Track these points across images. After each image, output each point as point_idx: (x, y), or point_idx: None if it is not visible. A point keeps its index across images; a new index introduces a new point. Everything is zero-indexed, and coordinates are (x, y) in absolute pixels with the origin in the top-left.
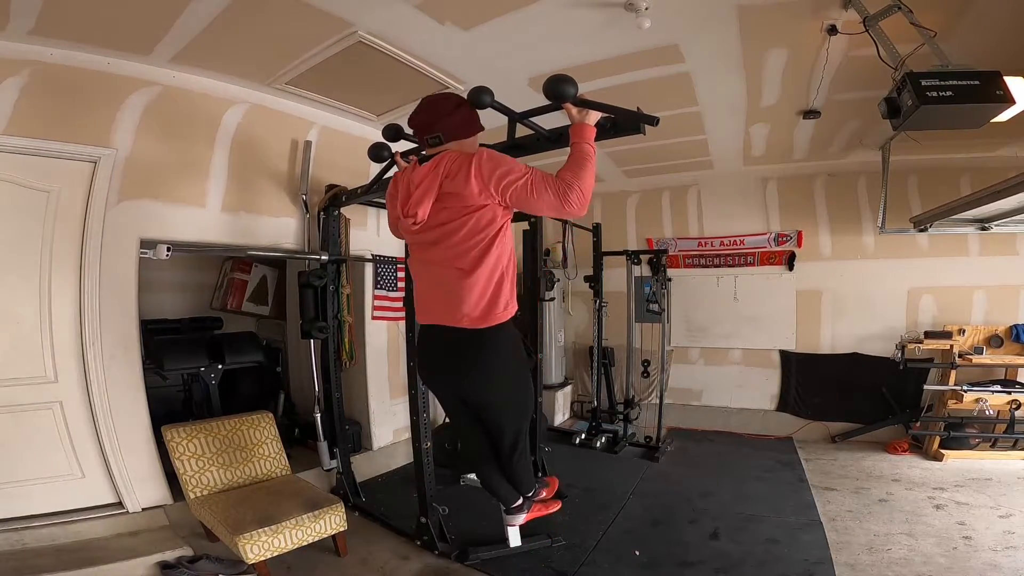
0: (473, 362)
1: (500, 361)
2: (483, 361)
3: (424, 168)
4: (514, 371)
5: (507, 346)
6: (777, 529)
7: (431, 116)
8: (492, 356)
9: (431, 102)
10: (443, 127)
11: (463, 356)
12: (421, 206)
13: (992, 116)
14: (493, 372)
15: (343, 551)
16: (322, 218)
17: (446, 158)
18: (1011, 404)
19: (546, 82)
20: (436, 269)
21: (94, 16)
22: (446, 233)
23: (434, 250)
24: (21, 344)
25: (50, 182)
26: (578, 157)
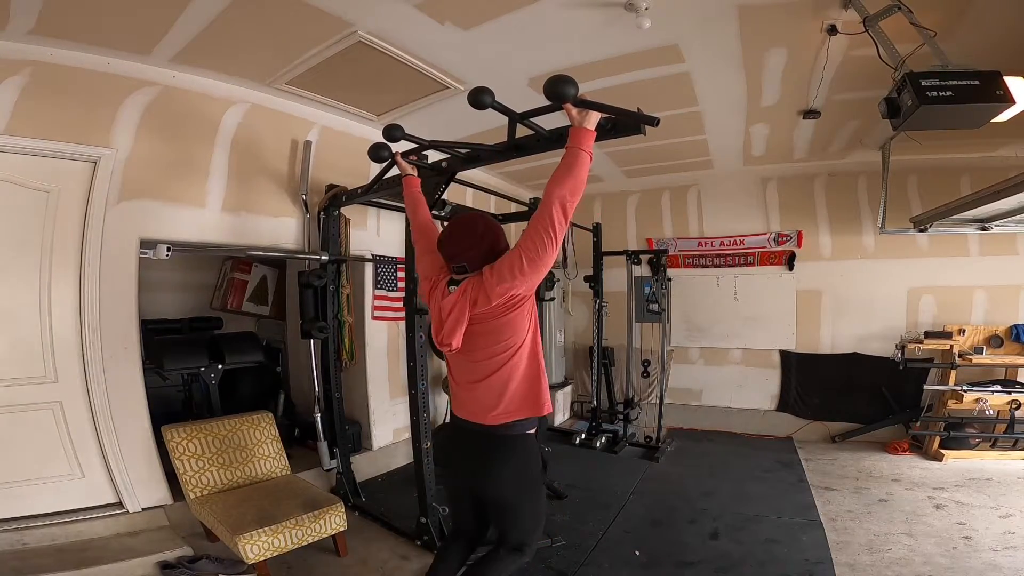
0: (495, 463)
1: (520, 467)
2: (505, 464)
3: (453, 296)
4: (532, 479)
5: (529, 455)
6: (777, 529)
7: (458, 245)
8: (514, 461)
9: (458, 229)
10: (468, 258)
11: (488, 459)
12: (455, 336)
13: (992, 116)
14: (512, 476)
15: (343, 551)
16: (322, 218)
17: (471, 284)
18: (1011, 404)
19: (546, 82)
20: (472, 369)
21: (94, 16)
22: (479, 342)
23: (470, 354)
24: (21, 344)
25: (50, 182)
26: (570, 161)
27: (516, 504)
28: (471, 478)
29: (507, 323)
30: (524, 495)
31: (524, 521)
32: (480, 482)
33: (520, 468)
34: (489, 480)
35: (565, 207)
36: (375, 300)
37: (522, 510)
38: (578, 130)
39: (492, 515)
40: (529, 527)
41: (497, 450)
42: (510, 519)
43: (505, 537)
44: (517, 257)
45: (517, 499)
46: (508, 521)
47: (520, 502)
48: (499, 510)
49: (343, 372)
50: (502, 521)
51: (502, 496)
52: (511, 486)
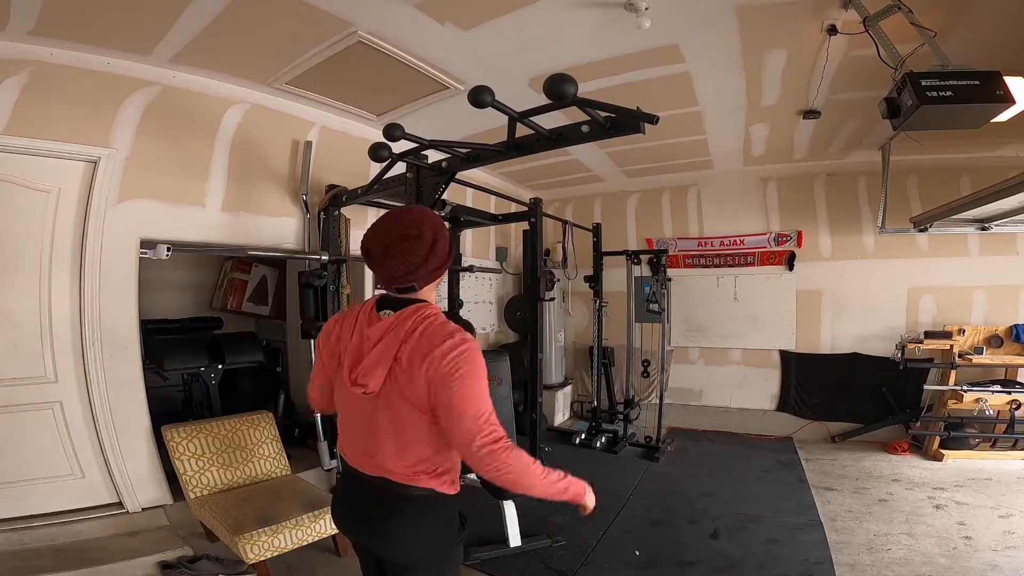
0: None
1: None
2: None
3: (385, 324)
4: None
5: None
6: (777, 529)
7: (405, 265)
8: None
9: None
10: (418, 277)
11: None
12: (373, 376)
13: (992, 116)
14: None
15: (343, 551)
16: (322, 218)
17: (410, 320)
18: (1011, 404)
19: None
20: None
21: (94, 16)
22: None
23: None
24: (21, 344)
25: (50, 182)
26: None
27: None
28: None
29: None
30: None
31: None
32: (379, 544)
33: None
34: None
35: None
36: None
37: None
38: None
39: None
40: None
41: (402, 507)
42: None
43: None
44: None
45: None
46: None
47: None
48: None
49: None
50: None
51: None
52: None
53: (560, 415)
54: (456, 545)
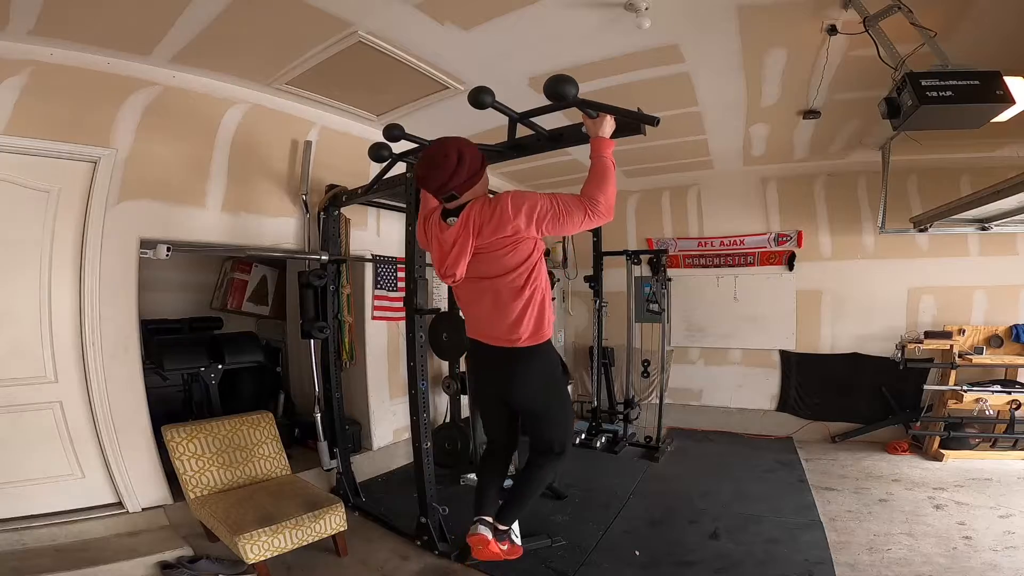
0: (519, 375)
1: (542, 374)
2: (528, 374)
3: (455, 228)
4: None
5: (549, 362)
6: (777, 529)
7: (440, 177)
8: (536, 370)
9: (433, 164)
10: (454, 185)
11: (511, 369)
12: (459, 266)
13: (992, 116)
14: (537, 383)
15: (343, 551)
16: (322, 218)
17: (472, 212)
18: (1011, 404)
19: (546, 82)
20: (482, 297)
21: (94, 16)
22: (487, 272)
23: (478, 283)
24: (21, 344)
25: (50, 182)
26: (599, 171)
27: (544, 409)
28: (500, 388)
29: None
30: (550, 399)
31: (554, 424)
32: (508, 391)
33: (542, 375)
34: (515, 390)
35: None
36: (375, 300)
37: (550, 414)
38: (597, 140)
39: (523, 422)
40: (559, 429)
41: (518, 363)
42: (541, 424)
43: (539, 442)
44: (546, 206)
45: (544, 405)
46: (539, 426)
47: (547, 407)
48: (529, 417)
49: (343, 372)
50: (533, 427)
51: (530, 403)
52: (537, 393)
53: None
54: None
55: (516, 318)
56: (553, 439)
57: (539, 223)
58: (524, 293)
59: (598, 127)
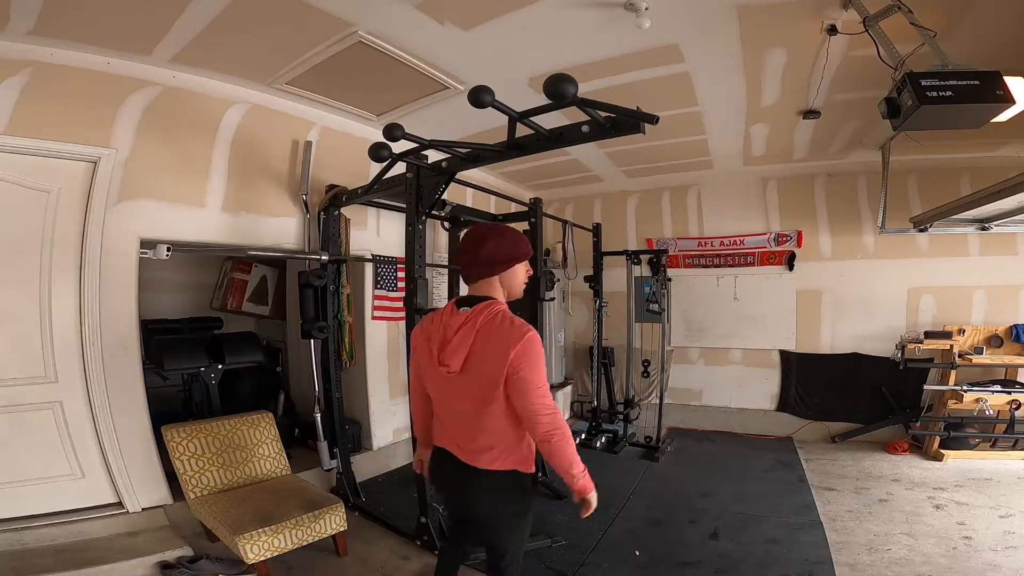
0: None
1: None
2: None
3: (463, 318)
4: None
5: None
6: (777, 529)
7: (468, 255)
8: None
9: (471, 237)
10: (476, 266)
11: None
12: (455, 357)
13: (992, 116)
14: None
15: (343, 551)
16: (322, 218)
17: (482, 316)
18: (1011, 404)
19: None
20: (455, 401)
21: (94, 16)
22: (470, 379)
23: (455, 385)
24: (21, 344)
25: (50, 182)
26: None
27: (500, 535)
28: (456, 503)
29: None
30: (509, 527)
31: (507, 547)
32: (464, 510)
33: (507, 502)
34: (473, 511)
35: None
36: (375, 300)
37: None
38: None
39: (473, 535)
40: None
41: (483, 485)
42: (493, 542)
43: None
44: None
45: (501, 531)
46: (491, 543)
47: (504, 534)
48: (481, 532)
49: (343, 372)
50: (485, 543)
51: (486, 525)
52: (496, 519)
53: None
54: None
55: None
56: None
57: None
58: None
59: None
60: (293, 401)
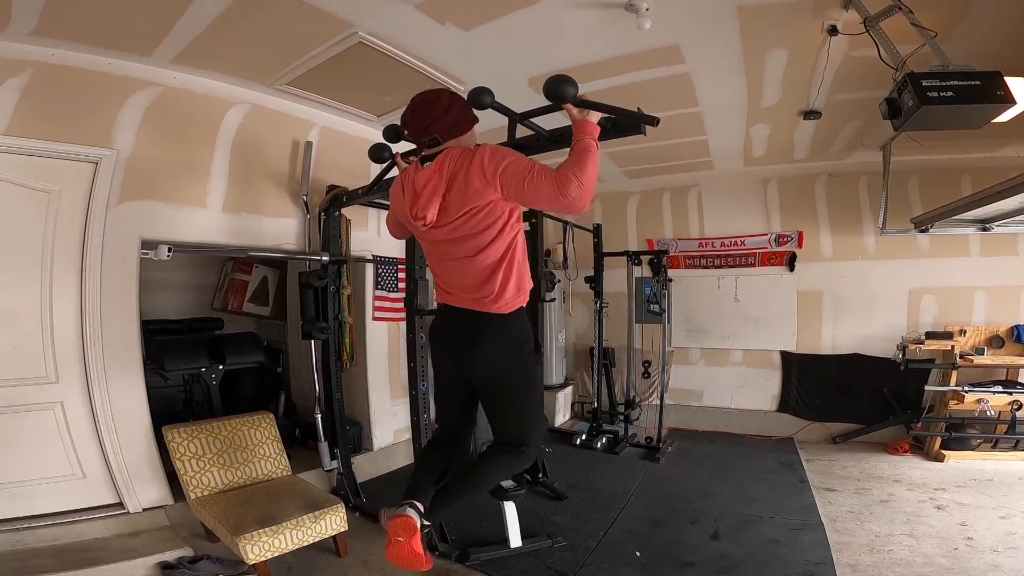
0: (483, 344)
1: (509, 344)
2: (493, 342)
3: (428, 170)
4: (523, 358)
5: (519, 333)
6: (778, 530)
7: (425, 119)
8: (502, 339)
9: (423, 104)
10: (438, 129)
11: (476, 335)
12: (430, 208)
13: (993, 116)
14: (501, 353)
15: (344, 552)
16: (323, 219)
17: (448, 157)
18: (1012, 405)
19: (546, 82)
20: (450, 260)
21: (95, 17)
22: (457, 228)
23: (447, 245)
24: (22, 344)
25: (51, 183)
26: (579, 152)
27: (508, 386)
28: (462, 357)
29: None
30: (516, 375)
31: (519, 410)
32: (470, 359)
33: (512, 341)
34: (480, 355)
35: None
36: (376, 301)
37: (515, 395)
38: (582, 123)
39: (485, 404)
40: (525, 419)
41: (487, 325)
42: (503, 406)
43: (498, 431)
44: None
45: (508, 379)
46: (501, 409)
47: (511, 383)
48: (490, 395)
49: (344, 373)
50: (493, 412)
51: (492, 374)
52: (503, 361)
53: (561, 416)
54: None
55: (486, 275)
56: (515, 430)
57: (503, 177)
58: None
59: (583, 115)
60: (294, 402)
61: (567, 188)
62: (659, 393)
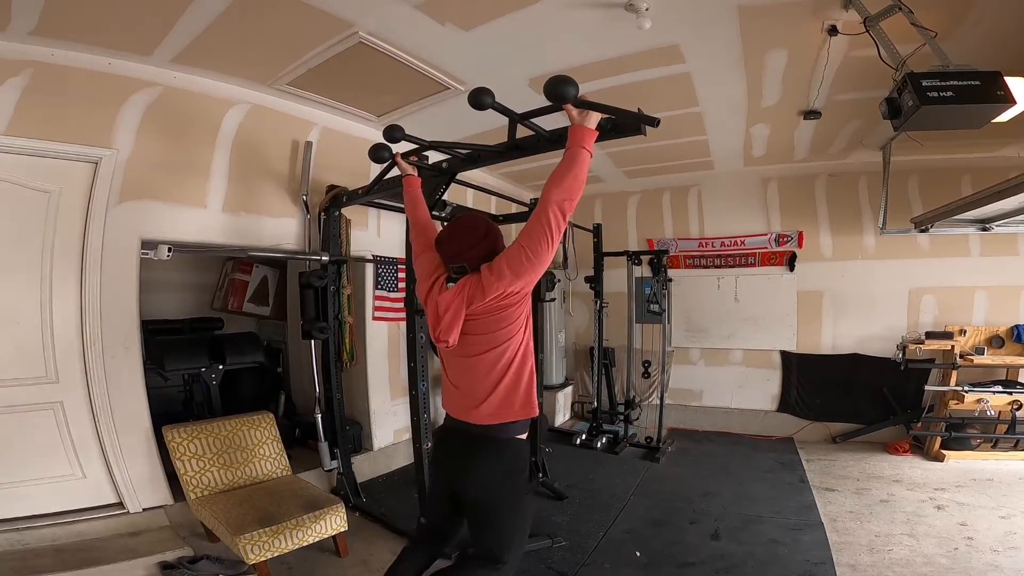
0: (476, 467)
1: (504, 474)
2: (486, 470)
3: (451, 292)
4: (515, 487)
5: (514, 462)
6: (778, 530)
7: (461, 246)
8: (497, 467)
9: (464, 229)
10: (470, 258)
11: (471, 457)
12: (452, 332)
13: (993, 116)
14: (493, 481)
15: (344, 552)
16: (323, 219)
17: (468, 282)
18: (1012, 404)
19: (546, 83)
20: (463, 363)
21: (95, 17)
22: (472, 339)
23: (463, 348)
24: (22, 344)
25: (51, 183)
26: (571, 160)
27: (495, 507)
28: (453, 475)
29: (501, 319)
30: (506, 500)
31: (503, 529)
32: (462, 480)
33: (505, 470)
34: (471, 478)
35: (563, 208)
36: (376, 301)
37: (501, 515)
38: (579, 128)
39: (469, 519)
40: (507, 538)
41: (484, 449)
42: (486, 524)
43: (480, 546)
44: (515, 255)
45: (498, 503)
46: (483, 526)
47: (500, 506)
48: (474, 512)
49: (344, 373)
50: (476, 525)
51: (482, 497)
52: (493, 488)
53: (561, 416)
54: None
55: (493, 378)
56: (496, 546)
57: (514, 268)
58: (506, 361)
59: (583, 117)
60: (294, 402)
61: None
62: (659, 393)
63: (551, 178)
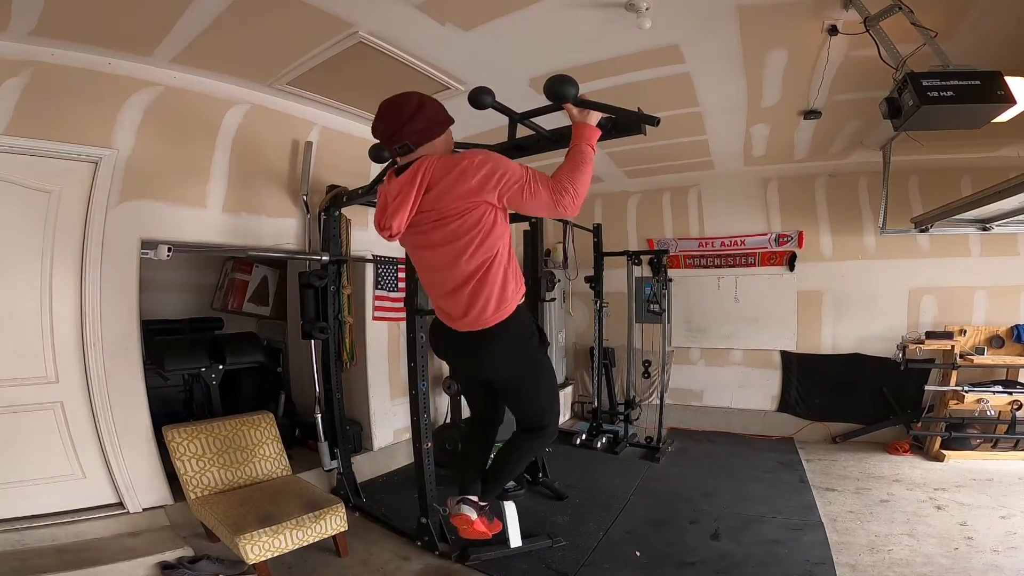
0: (487, 359)
1: (515, 346)
2: (498, 352)
3: (400, 180)
4: (528, 358)
5: (519, 337)
6: (778, 530)
7: (393, 124)
8: (507, 343)
9: (389, 108)
10: (408, 134)
11: (480, 349)
12: (396, 218)
13: (993, 116)
14: (508, 357)
15: (344, 552)
16: (323, 218)
17: (425, 166)
18: (1012, 405)
19: (547, 82)
20: (437, 273)
21: (95, 17)
22: (441, 238)
23: (427, 251)
24: (22, 344)
25: (51, 182)
26: (576, 158)
27: (519, 383)
28: (469, 366)
29: (476, 235)
30: (525, 372)
31: (532, 399)
32: (478, 367)
33: (516, 344)
34: (485, 367)
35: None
36: (376, 300)
37: (527, 389)
38: (583, 126)
39: (504, 399)
40: (539, 404)
41: (488, 339)
42: (517, 399)
43: (521, 418)
44: (518, 175)
45: (518, 378)
46: (516, 401)
47: (522, 381)
48: (504, 391)
49: (344, 373)
50: (511, 402)
51: (502, 375)
52: (510, 366)
53: (561, 416)
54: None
55: (472, 297)
56: (534, 415)
57: (503, 191)
58: (480, 265)
59: (584, 116)
60: (294, 402)
61: (562, 198)
62: (659, 393)
63: (558, 169)
